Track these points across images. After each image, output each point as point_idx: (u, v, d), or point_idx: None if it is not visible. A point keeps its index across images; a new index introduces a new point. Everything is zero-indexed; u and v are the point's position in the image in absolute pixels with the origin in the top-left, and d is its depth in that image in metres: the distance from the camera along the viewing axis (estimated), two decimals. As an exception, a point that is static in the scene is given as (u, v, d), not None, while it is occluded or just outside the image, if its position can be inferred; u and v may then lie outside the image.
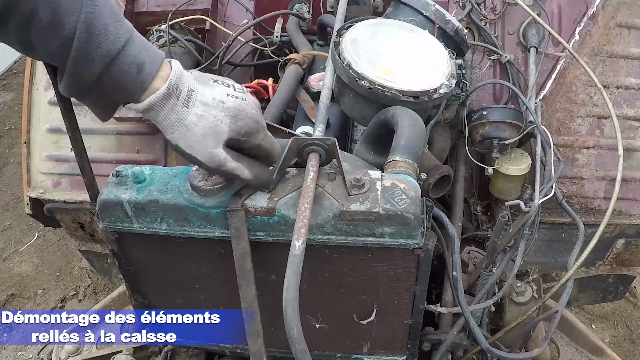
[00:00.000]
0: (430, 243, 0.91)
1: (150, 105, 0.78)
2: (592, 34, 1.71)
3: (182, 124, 0.79)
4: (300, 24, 1.82)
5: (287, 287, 0.76)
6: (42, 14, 0.70)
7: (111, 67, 0.75)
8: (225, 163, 0.82)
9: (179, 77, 0.79)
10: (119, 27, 0.75)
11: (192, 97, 0.79)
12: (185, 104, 0.79)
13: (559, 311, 1.23)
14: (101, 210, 0.94)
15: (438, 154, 1.47)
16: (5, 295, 2.88)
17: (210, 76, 0.85)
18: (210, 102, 0.80)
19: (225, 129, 0.80)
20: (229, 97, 0.81)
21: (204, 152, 0.80)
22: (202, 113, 0.79)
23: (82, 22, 0.71)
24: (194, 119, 0.79)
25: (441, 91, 1.24)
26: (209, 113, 0.79)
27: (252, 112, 0.83)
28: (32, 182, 1.92)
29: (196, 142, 0.80)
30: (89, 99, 0.80)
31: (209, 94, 0.80)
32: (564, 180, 1.70)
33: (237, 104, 0.82)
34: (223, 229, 0.91)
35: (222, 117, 0.80)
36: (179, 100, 0.78)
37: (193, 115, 0.79)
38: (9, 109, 4.31)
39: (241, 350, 1.21)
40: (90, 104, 0.82)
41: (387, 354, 1.16)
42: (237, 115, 0.81)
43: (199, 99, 0.79)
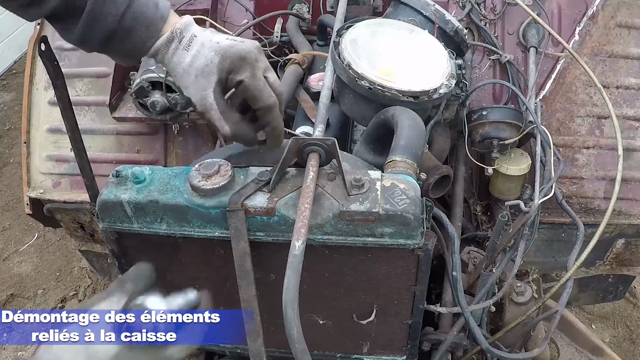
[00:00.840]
0: (430, 243, 0.91)
1: (155, 50, 0.84)
2: (592, 34, 1.71)
3: (180, 66, 0.84)
4: (300, 24, 1.82)
5: (287, 287, 0.76)
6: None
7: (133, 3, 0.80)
8: (210, 110, 0.84)
9: (186, 25, 0.84)
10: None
11: (193, 41, 0.83)
12: (185, 48, 0.83)
13: (559, 311, 1.23)
14: (101, 210, 0.94)
15: (438, 154, 1.47)
16: (5, 295, 2.88)
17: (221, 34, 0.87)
18: (206, 43, 0.83)
19: (213, 68, 0.82)
20: (226, 40, 0.83)
21: (196, 94, 0.84)
22: (196, 53, 0.83)
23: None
24: (189, 60, 0.83)
25: (441, 91, 1.24)
26: (202, 53, 0.83)
27: (243, 48, 0.83)
28: (32, 182, 1.92)
29: (190, 84, 0.84)
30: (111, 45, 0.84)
31: (209, 37, 0.84)
32: (563, 180, 1.70)
33: (230, 44, 0.83)
34: (223, 229, 0.91)
35: (212, 56, 0.82)
36: (181, 44, 0.83)
37: (189, 57, 0.83)
38: (9, 109, 4.31)
39: (241, 350, 1.21)
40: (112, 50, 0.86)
41: (387, 354, 1.16)
42: (225, 53, 0.82)
43: (198, 42, 0.83)
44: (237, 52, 0.82)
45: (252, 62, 0.84)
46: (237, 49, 0.83)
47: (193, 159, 1.65)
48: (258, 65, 0.85)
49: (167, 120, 1.76)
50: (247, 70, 0.84)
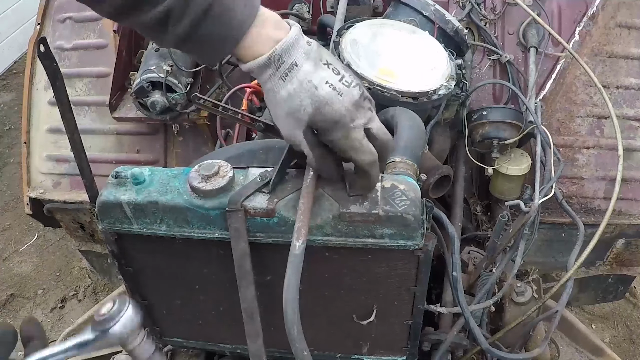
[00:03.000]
0: (430, 244, 0.91)
1: (249, 69, 0.80)
2: (592, 34, 1.71)
3: (274, 95, 0.79)
4: (300, 24, 1.82)
5: (287, 287, 0.76)
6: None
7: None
8: (298, 144, 0.82)
9: (288, 47, 0.78)
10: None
11: (292, 71, 0.78)
12: (282, 77, 0.78)
13: (559, 311, 1.23)
14: (100, 211, 0.94)
15: (438, 154, 1.47)
16: (5, 296, 2.88)
17: (327, 56, 0.81)
18: (304, 84, 0.77)
19: (305, 117, 0.78)
20: (326, 86, 0.78)
21: (285, 129, 0.81)
22: (293, 92, 0.78)
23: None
24: (284, 96, 0.78)
25: (440, 92, 1.24)
26: (298, 95, 0.78)
27: (339, 109, 0.78)
28: (32, 182, 1.92)
29: (281, 117, 0.81)
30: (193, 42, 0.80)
31: (309, 75, 0.78)
32: (563, 181, 1.70)
33: (328, 95, 0.78)
34: (222, 230, 0.91)
35: (307, 104, 0.77)
36: (278, 72, 0.78)
37: (284, 92, 0.78)
38: (9, 109, 4.31)
39: (241, 351, 1.21)
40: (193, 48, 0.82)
41: (387, 354, 1.16)
42: (320, 107, 0.78)
43: (297, 76, 0.78)
44: (331, 115, 0.78)
45: (345, 124, 0.79)
46: (332, 110, 0.78)
47: (193, 159, 1.65)
48: (353, 126, 0.80)
49: (167, 120, 1.76)
50: (340, 132, 0.80)
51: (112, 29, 1.86)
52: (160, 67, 1.62)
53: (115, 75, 1.77)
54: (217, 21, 0.77)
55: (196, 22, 0.76)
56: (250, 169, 0.94)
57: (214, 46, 0.80)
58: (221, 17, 0.77)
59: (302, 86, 0.77)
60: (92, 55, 1.92)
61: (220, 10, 0.76)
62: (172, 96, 1.64)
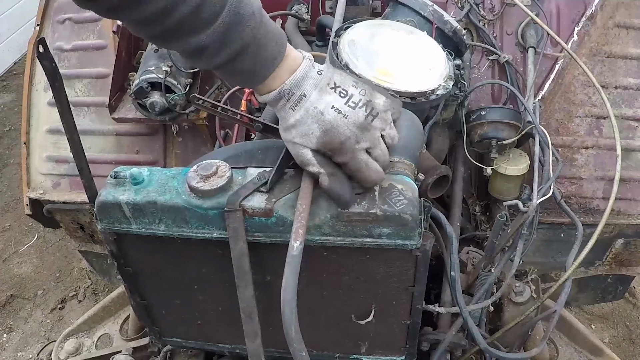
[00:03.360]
0: (428, 244, 0.91)
1: (263, 102, 0.87)
2: (591, 34, 1.71)
3: (285, 121, 0.85)
4: (299, 25, 1.83)
5: (285, 288, 0.76)
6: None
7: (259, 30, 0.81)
8: (308, 165, 0.85)
9: (297, 82, 0.84)
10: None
11: (301, 101, 0.84)
12: (292, 107, 0.84)
13: (558, 311, 1.23)
14: (99, 211, 0.94)
15: (436, 154, 1.48)
16: (5, 296, 2.88)
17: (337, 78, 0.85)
18: (311, 111, 0.83)
19: (313, 140, 0.84)
20: (332, 110, 0.83)
21: (294, 150, 0.86)
22: (300, 119, 0.83)
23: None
24: (293, 123, 0.84)
25: (438, 92, 1.24)
26: (305, 121, 0.83)
27: (344, 132, 0.83)
28: (32, 183, 1.92)
29: (290, 141, 0.86)
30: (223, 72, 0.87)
31: (315, 102, 0.83)
32: (562, 180, 1.70)
33: (333, 120, 0.82)
34: (221, 230, 0.92)
35: (314, 128, 0.83)
36: (288, 103, 0.84)
37: (293, 119, 0.84)
38: (9, 110, 4.31)
39: (240, 351, 1.21)
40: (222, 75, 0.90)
41: (386, 354, 1.16)
42: (327, 131, 0.83)
43: (305, 105, 0.83)
44: (337, 138, 0.83)
45: (350, 146, 0.83)
46: (337, 132, 0.82)
47: (192, 159, 1.65)
48: (358, 148, 0.84)
49: (166, 121, 1.76)
50: (347, 154, 0.84)
51: (111, 30, 1.86)
52: (159, 68, 1.62)
53: (114, 76, 1.77)
54: (251, 59, 0.82)
55: (232, 58, 0.81)
56: (249, 169, 0.95)
57: (245, 79, 0.86)
58: (254, 56, 0.82)
59: (309, 113, 0.83)
60: (91, 56, 1.93)
61: (255, 50, 0.82)
62: (171, 97, 1.64)
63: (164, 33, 0.78)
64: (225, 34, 0.78)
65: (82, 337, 1.69)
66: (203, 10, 0.76)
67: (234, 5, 0.78)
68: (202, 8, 0.76)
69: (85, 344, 1.67)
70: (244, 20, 0.79)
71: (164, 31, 0.78)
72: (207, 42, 0.78)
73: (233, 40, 0.79)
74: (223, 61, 0.81)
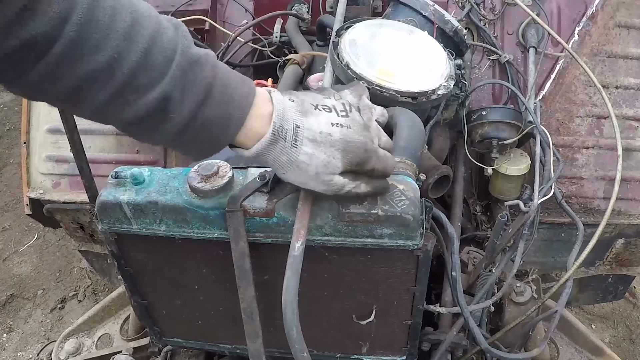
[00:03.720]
0: (430, 244, 0.91)
1: (258, 153, 0.75)
2: (592, 34, 1.71)
3: (294, 165, 0.76)
4: (299, 25, 1.82)
5: (287, 288, 0.76)
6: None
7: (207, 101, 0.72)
8: (343, 187, 0.80)
9: (282, 115, 0.75)
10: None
11: (298, 134, 0.75)
12: (293, 144, 0.75)
13: (559, 311, 1.23)
14: (100, 211, 0.94)
15: (437, 154, 1.47)
16: (5, 296, 2.88)
17: (311, 100, 0.78)
18: (318, 138, 0.75)
19: (338, 163, 0.77)
20: (335, 128, 0.76)
21: (321, 185, 0.78)
22: (312, 151, 0.75)
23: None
24: (306, 159, 0.75)
25: (439, 92, 1.24)
26: (319, 150, 0.75)
27: (360, 139, 0.78)
28: (32, 183, 1.92)
29: (310, 179, 0.78)
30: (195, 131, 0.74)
31: (316, 128, 0.76)
32: (563, 180, 1.70)
33: (343, 135, 0.77)
34: (222, 230, 0.91)
35: (332, 152, 0.76)
36: (287, 142, 0.74)
37: (303, 155, 0.75)
38: (9, 109, 4.31)
39: (240, 351, 1.21)
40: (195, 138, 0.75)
41: (387, 354, 1.16)
42: (346, 148, 0.77)
43: (306, 136, 0.75)
44: (358, 147, 0.77)
45: (371, 148, 0.79)
46: (356, 144, 0.77)
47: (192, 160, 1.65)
48: (376, 146, 0.81)
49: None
50: (373, 158, 0.79)
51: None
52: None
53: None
54: (220, 101, 0.73)
55: (199, 103, 0.71)
56: (250, 169, 0.94)
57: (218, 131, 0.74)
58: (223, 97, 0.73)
59: (318, 141, 0.75)
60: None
61: (221, 89, 0.73)
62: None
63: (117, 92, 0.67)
64: (184, 77, 0.69)
65: (82, 337, 1.69)
66: (153, 56, 0.67)
67: (186, 46, 0.70)
68: (151, 54, 0.67)
69: (86, 344, 1.67)
70: (201, 60, 0.71)
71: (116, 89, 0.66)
72: (167, 90, 0.68)
73: (194, 82, 0.70)
74: (188, 112, 0.70)
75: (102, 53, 0.64)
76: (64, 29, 0.61)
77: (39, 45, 0.61)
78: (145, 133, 0.74)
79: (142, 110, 0.69)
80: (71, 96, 0.68)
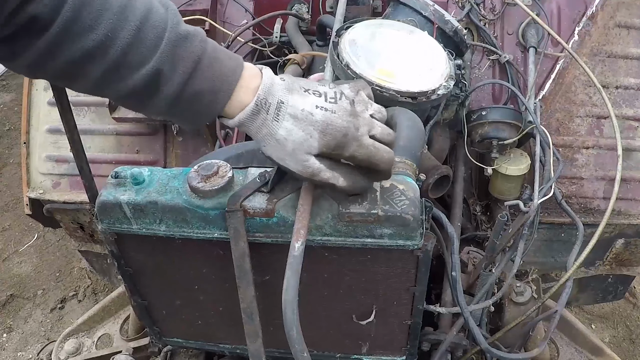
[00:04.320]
0: (430, 244, 0.91)
1: (240, 122, 0.79)
2: (591, 34, 1.71)
3: (273, 138, 0.78)
4: (299, 25, 1.83)
5: (287, 288, 0.76)
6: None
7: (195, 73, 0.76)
8: (319, 173, 0.80)
9: (269, 89, 0.78)
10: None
11: (281, 109, 0.78)
12: (275, 118, 0.78)
13: (559, 311, 1.23)
14: (100, 211, 0.94)
15: (437, 154, 1.47)
16: (4, 296, 2.88)
17: (303, 84, 0.81)
18: (299, 115, 0.77)
19: (314, 143, 0.78)
20: (318, 110, 0.78)
21: (296, 164, 0.80)
22: (292, 127, 0.77)
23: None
24: (284, 133, 0.78)
25: (439, 92, 1.24)
26: (298, 127, 0.77)
27: (342, 124, 0.78)
28: (32, 183, 1.92)
29: (287, 155, 0.79)
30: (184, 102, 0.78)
31: (299, 105, 0.78)
32: (563, 180, 1.70)
33: (325, 118, 0.78)
34: (222, 230, 0.91)
35: (310, 131, 0.77)
36: (269, 115, 0.78)
37: (283, 130, 0.78)
38: (9, 109, 4.31)
39: (240, 351, 1.21)
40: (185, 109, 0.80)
41: (387, 354, 1.16)
42: (325, 130, 0.78)
43: (288, 112, 0.78)
44: (338, 131, 0.78)
45: (354, 135, 0.79)
46: (336, 127, 0.78)
47: (193, 159, 1.65)
48: (360, 134, 0.80)
49: (166, 121, 1.76)
50: (354, 144, 0.79)
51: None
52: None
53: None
54: (208, 74, 0.77)
55: (187, 76, 0.75)
56: (250, 169, 0.94)
57: (207, 102, 0.78)
58: (211, 70, 0.77)
59: (298, 118, 0.78)
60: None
61: (209, 63, 0.77)
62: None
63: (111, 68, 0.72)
64: (173, 52, 0.74)
65: (82, 337, 1.69)
66: (145, 34, 0.72)
67: (175, 23, 0.75)
68: (143, 32, 0.72)
69: (86, 344, 1.66)
70: (190, 36, 0.76)
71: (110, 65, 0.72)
72: (158, 64, 0.73)
73: (183, 56, 0.75)
74: (178, 85, 0.75)
75: (97, 32, 0.69)
76: (61, 10, 0.67)
77: (38, 26, 0.67)
78: (139, 104, 0.80)
79: (135, 84, 0.74)
80: (68, 72, 0.73)
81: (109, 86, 0.75)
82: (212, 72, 0.77)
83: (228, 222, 0.88)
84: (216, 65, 0.78)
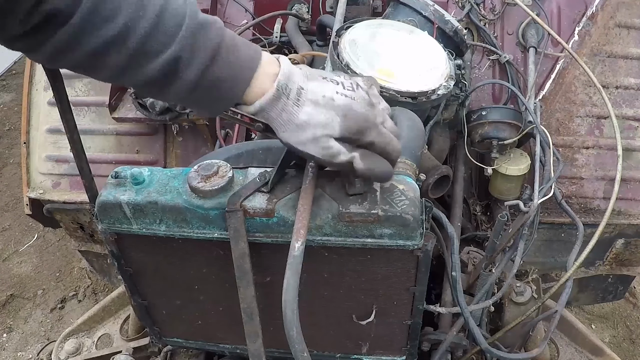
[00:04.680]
0: (430, 244, 0.91)
1: (261, 107, 0.79)
2: (591, 34, 1.71)
3: (293, 123, 0.79)
4: (299, 25, 1.83)
5: (287, 288, 0.76)
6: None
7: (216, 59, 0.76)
8: (339, 155, 0.80)
9: (288, 76, 0.79)
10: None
11: (301, 95, 0.79)
12: (295, 103, 0.78)
13: (559, 311, 1.23)
14: (100, 211, 0.94)
15: (437, 154, 1.47)
16: (5, 296, 2.88)
17: (320, 73, 0.83)
18: (320, 100, 0.79)
19: (336, 127, 0.79)
20: (339, 95, 0.80)
21: (316, 147, 0.80)
22: (313, 111, 0.78)
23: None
24: (305, 117, 0.78)
25: (439, 92, 1.24)
26: (319, 111, 0.78)
27: (362, 110, 0.80)
28: (32, 183, 1.92)
29: (308, 140, 0.79)
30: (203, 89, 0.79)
31: (319, 92, 0.79)
32: (563, 180, 1.70)
33: (346, 102, 0.79)
34: (222, 230, 0.91)
35: (332, 115, 0.78)
36: (289, 100, 0.78)
37: (304, 114, 0.78)
38: (9, 109, 4.31)
39: (240, 351, 1.21)
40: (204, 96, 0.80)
41: (387, 354, 1.16)
42: (347, 114, 0.79)
43: (309, 97, 0.79)
44: (359, 115, 0.79)
45: (373, 122, 0.81)
46: (358, 112, 0.79)
47: (193, 159, 1.65)
48: (378, 122, 0.82)
49: (166, 121, 1.76)
50: (373, 131, 0.81)
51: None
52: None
53: (114, 76, 1.76)
54: (227, 61, 0.77)
55: (207, 63, 0.76)
56: (250, 169, 0.94)
57: (226, 89, 0.78)
58: (230, 57, 0.77)
59: (319, 103, 0.79)
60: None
61: (227, 50, 0.77)
62: (172, 96, 1.64)
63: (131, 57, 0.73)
64: (193, 38, 0.74)
65: (82, 337, 1.69)
66: (164, 23, 0.73)
67: (193, 12, 0.76)
68: (162, 21, 0.73)
69: (86, 344, 1.67)
70: (208, 24, 0.76)
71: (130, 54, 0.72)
72: (178, 51, 0.73)
73: (203, 44, 0.75)
74: (197, 71, 0.76)
75: (116, 22, 0.70)
76: (81, 1, 0.68)
77: (59, 18, 0.68)
78: (159, 92, 0.80)
79: (154, 72, 0.74)
80: (88, 62, 0.74)
81: (129, 75, 0.76)
82: (231, 59, 0.78)
83: (228, 222, 0.88)
84: (235, 53, 0.78)
